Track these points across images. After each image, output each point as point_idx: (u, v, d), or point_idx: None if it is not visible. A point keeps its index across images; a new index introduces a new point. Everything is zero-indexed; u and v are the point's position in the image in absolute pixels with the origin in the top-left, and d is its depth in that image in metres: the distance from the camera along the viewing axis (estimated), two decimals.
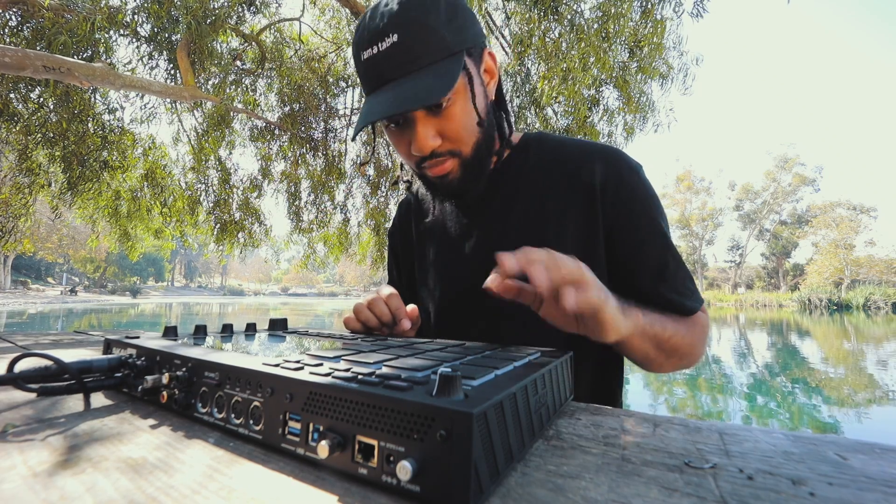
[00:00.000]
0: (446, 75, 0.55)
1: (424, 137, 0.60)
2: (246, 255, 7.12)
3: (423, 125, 0.60)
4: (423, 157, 0.62)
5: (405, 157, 0.65)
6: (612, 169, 0.67)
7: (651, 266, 0.65)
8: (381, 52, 0.56)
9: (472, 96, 0.61)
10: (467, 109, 0.61)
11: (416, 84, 0.55)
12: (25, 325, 12.78)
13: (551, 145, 0.74)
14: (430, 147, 0.60)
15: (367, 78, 0.60)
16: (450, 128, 0.61)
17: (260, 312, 21.02)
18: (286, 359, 0.35)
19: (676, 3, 4.58)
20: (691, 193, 49.69)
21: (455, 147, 0.62)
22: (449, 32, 0.57)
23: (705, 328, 0.67)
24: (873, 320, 18.37)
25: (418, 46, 0.55)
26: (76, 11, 4.21)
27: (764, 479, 0.27)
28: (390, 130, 0.65)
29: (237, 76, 5.96)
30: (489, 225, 0.72)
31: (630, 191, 0.66)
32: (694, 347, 0.63)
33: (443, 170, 0.63)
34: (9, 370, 0.42)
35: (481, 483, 0.23)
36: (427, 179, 0.67)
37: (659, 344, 0.58)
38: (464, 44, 0.59)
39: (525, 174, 0.72)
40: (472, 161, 0.64)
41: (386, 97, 0.56)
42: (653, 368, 0.64)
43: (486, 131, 0.64)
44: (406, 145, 0.63)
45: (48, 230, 26.69)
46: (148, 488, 0.25)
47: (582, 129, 4.99)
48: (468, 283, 0.70)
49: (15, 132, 4.72)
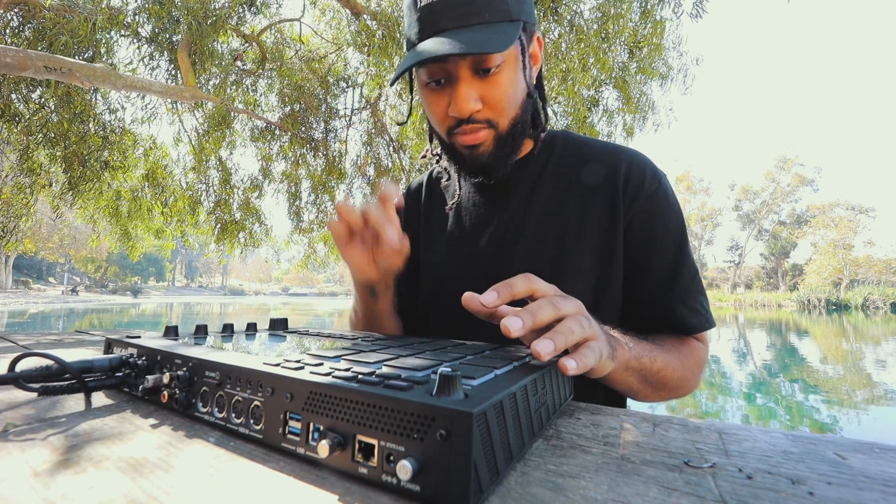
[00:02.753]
0: (504, 34, 0.54)
1: (466, 98, 0.57)
2: (246, 255, 7.12)
3: (468, 85, 0.57)
4: (459, 122, 0.60)
5: (439, 119, 0.63)
6: (636, 173, 0.66)
7: (662, 273, 0.63)
8: (443, 0, 0.55)
9: (523, 68, 0.59)
10: (515, 80, 0.59)
11: (474, 35, 0.53)
12: (27, 324, 12.79)
13: (576, 144, 0.73)
14: (471, 110, 0.58)
15: (421, 24, 0.57)
16: (494, 94, 0.59)
17: (260, 312, 21.02)
18: (287, 358, 0.35)
19: (676, 3, 4.58)
20: (690, 194, 49.67)
21: (494, 116, 0.60)
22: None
23: (701, 361, 0.64)
24: (872, 320, 18.35)
25: (481, 2, 0.54)
26: (77, 12, 4.22)
27: (763, 479, 0.27)
28: (428, 89, 0.62)
29: (238, 76, 5.96)
30: (507, 217, 0.70)
31: (650, 196, 0.65)
32: (685, 381, 0.60)
33: (476, 139, 0.61)
34: (10, 370, 0.42)
35: (481, 482, 0.23)
36: (455, 151, 0.64)
37: (645, 377, 0.55)
38: (521, 15, 0.58)
39: (548, 171, 0.71)
40: (507, 137, 0.62)
41: (440, 42, 0.54)
42: (638, 398, 0.60)
43: (524, 109, 0.62)
44: (443, 106, 0.60)
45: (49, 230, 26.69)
46: (149, 487, 0.26)
47: (581, 130, 4.99)
48: (479, 278, 0.69)
49: (16, 132, 4.73)
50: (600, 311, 0.64)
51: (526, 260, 0.67)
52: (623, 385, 0.55)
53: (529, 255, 0.67)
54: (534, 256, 0.67)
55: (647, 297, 0.65)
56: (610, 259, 0.65)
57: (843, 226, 39.25)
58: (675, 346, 0.62)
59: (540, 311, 0.39)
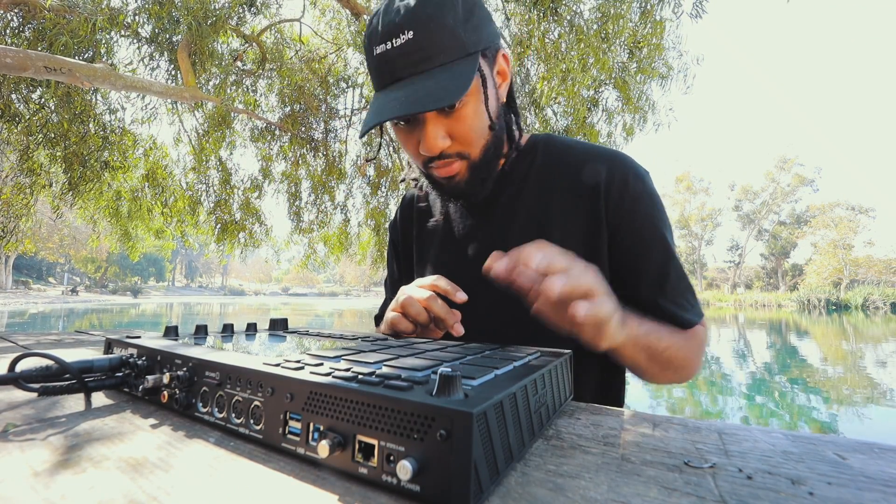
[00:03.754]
0: (461, 77, 0.54)
1: (434, 138, 0.59)
2: (246, 256, 7.12)
3: (434, 125, 0.59)
4: (432, 158, 0.61)
5: (413, 155, 0.65)
6: (618, 174, 0.66)
7: (651, 275, 0.64)
8: (395, 48, 0.55)
9: (485, 99, 0.60)
10: (479, 112, 0.60)
11: (429, 84, 0.54)
12: (27, 324, 12.78)
13: (558, 148, 0.73)
14: (440, 148, 0.59)
15: (379, 73, 0.58)
16: (460, 129, 0.60)
17: (260, 312, 21.02)
18: (287, 358, 0.35)
19: (675, 3, 4.58)
20: (690, 194, 49.69)
21: (464, 149, 0.61)
22: (465, 32, 0.56)
23: (703, 343, 0.66)
24: (872, 320, 18.35)
25: (434, 45, 0.54)
26: (77, 12, 4.22)
27: (763, 479, 0.27)
28: (399, 129, 0.64)
29: (238, 77, 5.96)
30: (493, 226, 0.72)
31: (634, 197, 0.65)
32: (689, 361, 0.63)
33: (450, 171, 0.62)
34: (10, 370, 0.42)
35: (481, 482, 0.23)
36: (434, 179, 0.66)
37: (653, 355, 0.57)
38: (479, 44, 0.58)
39: (531, 176, 0.71)
40: (480, 164, 0.63)
41: (398, 96, 0.55)
42: (646, 378, 0.63)
43: (495, 134, 0.63)
44: (415, 144, 0.62)
45: (49, 230, 26.70)
46: (148, 487, 0.26)
47: (581, 130, 4.99)
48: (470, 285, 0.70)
49: (16, 133, 4.73)
50: None
51: None
52: (632, 361, 0.58)
53: None
54: None
55: (637, 298, 0.65)
56: (596, 259, 0.65)
57: (843, 226, 39.25)
58: (676, 329, 0.63)
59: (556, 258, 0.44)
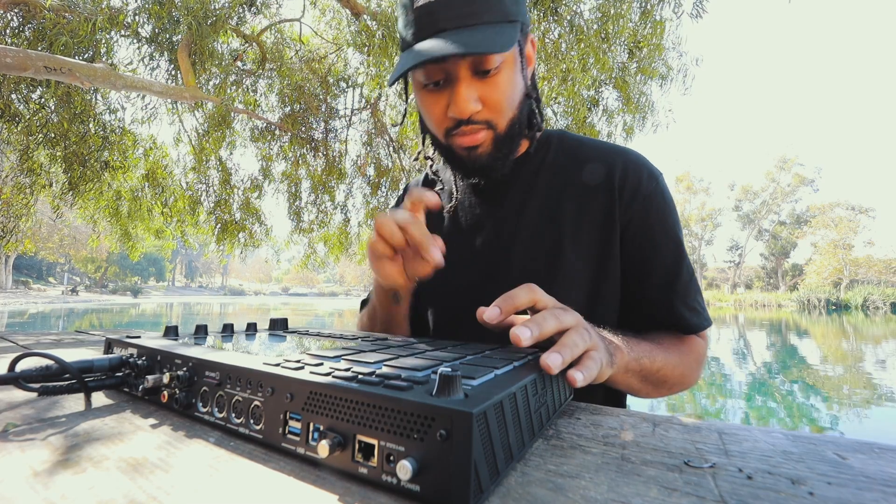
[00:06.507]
0: (506, 35, 0.54)
1: (467, 99, 0.57)
2: (246, 255, 7.12)
3: (468, 86, 0.57)
4: (458, 123, 0.60)
5: (437, 121, 0.62)
6: (632, 173, 0.66)
7: (662, 274, 0.64)
8: (441, 0, 0.54)
9: (521, 69, 0.60)
10: (513, 81, 0.59)
11: (477, 35, 0.53)
12: (27, 324, 12.78)
13: (572, 144, 0.72)
14: (471, 111, 0.57)
15: (419, 24, 0.56)
16: (493, 95, 0.58)
17: (260, 312, 21.02)
18: (287, 358, 0.35)
19: (676, 3, 4.58)
20: (690, 194, 49.67)
21: (493, 117, 0.60)
22: (509, 0, 0.56)
23: (701, 357, 0.65)
24: (872, 320, 18.35)
25: (480, 2, 0.54)
26: (77, 12, 4.22)
27: (763, 479, 0.27)
28: (425, 90, 0.61)
29: (238, 77, 5.96)
30: (503, 219, 0.70)
31: (647, 196, 0.65)
32: (684, 377, 0.62)
33: (475, 140, 0.60)
34: (10, 369, 0.42)
35: (481, 482, 0.23)
36: (452, 152, 0.64)
37: (646, 377, 0.57)
38: (519, 16, 0.58)
39: (544, 171, 0.71)
40: (505, 138, 0.62)
41: (441, 42, 0.53)
42: (640, 396, 0.62)
43: (522, 110, 0.63)
44: (442, 107, 0.60)
45: (49, 230, 26.67)
46: (148, 487, 0.26)
47: (581, 130, 4.99)
48: (475, 280, 0.69)
49: (16, 132, 4.73)
50: (596, 312, 0.64)
51: (521, 261, 0.67)
52: (624, 385, 0.57)
53: (525, 256, 0.67)
54: (529, 257, 0.67)
55: (647, 297, 0.65)
56: (606, 259, 0.65)
57: (843, 226, 39.23)
58: (674, 343, 0.63)
59: (545, 322, 0.41)
